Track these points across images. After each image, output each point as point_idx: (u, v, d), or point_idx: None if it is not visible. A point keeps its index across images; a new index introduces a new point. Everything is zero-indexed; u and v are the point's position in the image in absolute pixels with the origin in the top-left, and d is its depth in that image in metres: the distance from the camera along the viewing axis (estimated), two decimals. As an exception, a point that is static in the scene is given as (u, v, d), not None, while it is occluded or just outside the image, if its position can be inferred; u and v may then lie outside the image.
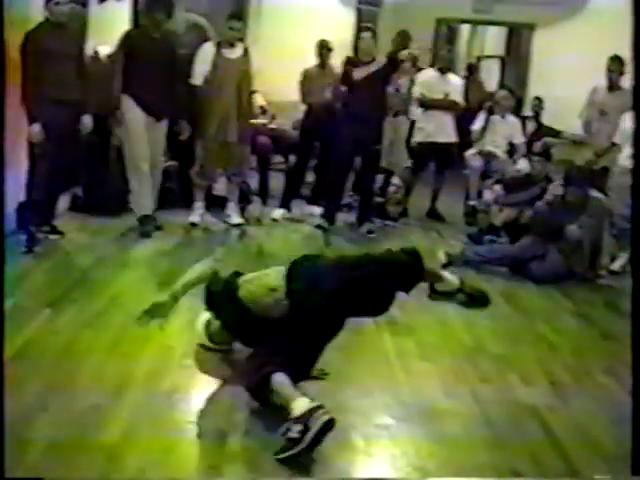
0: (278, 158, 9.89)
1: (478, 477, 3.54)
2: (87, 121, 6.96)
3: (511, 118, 9.71)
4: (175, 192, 8.60)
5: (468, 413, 4.23)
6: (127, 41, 7.30)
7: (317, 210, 8.71)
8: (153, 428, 3.77)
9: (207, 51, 7.78)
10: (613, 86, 8.60)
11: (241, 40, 7.93)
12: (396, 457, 3.67)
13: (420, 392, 4.45)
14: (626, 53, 8.71)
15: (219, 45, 7.80)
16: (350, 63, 8.25)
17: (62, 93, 6.62)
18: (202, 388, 4.35)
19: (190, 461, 3.57)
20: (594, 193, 7.39)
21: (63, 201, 8.01)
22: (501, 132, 9.49)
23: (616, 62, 8.50)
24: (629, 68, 8.14)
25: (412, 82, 9.22)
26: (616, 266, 7.57)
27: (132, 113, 7.30)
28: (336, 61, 8.80)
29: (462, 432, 4.00)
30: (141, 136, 7.34)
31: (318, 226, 8.27)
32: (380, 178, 9.27)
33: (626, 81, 8.39)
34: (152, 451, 3.55)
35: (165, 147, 7.74)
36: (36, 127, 6.52)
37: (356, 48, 8.46)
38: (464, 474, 3.54)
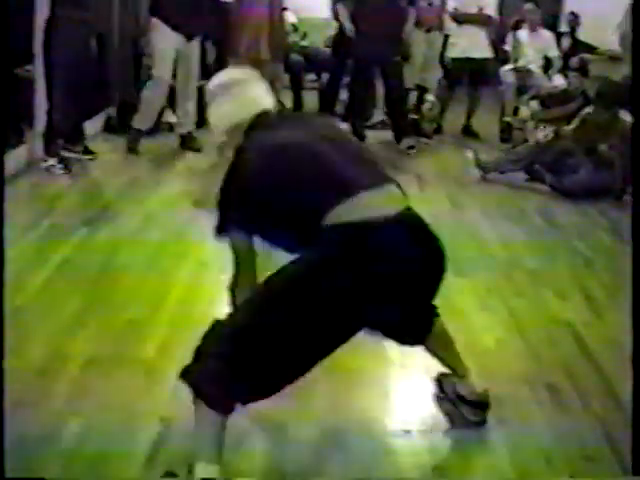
0: (311, 76, 9.81)
1: (513, 388, 3.56)
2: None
3: (543, 32, 9.57)
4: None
5: (502, 327, 4.24)
6: None
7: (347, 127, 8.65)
8: (191, 343, 3.82)
9: None
10: None
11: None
12: (430, 368, 3.68)
13: (455, 307, 4.45)
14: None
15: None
16: None
17: (76, 12, 6.56)
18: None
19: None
20: (623, 115, 7.25)
21: (96, 122, 8.04)
22: (534, 46, 9.35)
23: None
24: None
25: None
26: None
27: (161, 34, 7.25)
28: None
29: (496, 345, 4.02)
30: (168, 56, 7.31)
31: None
32: (414, 95, 9.17)
33: None
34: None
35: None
36: None
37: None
38: (499, 386, 3.55)
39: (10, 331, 3.10)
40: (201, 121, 8.08)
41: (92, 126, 7.82)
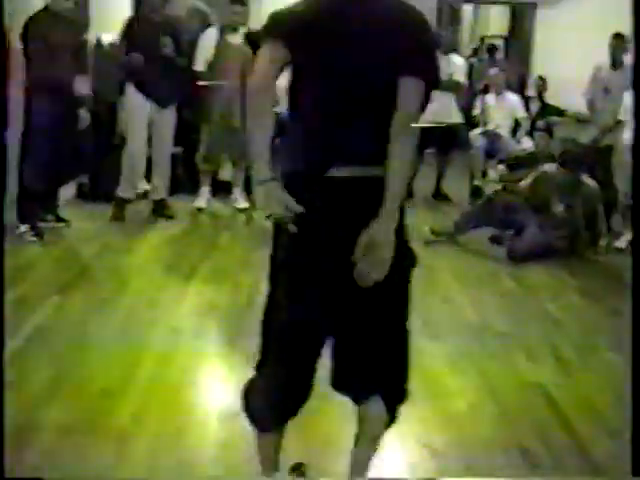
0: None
1: (485, 452, 3.57)
2: (84, 115, 6.96)
3: (510, 95, 9.76)
4: (181, 178, 8.63)
5: (474, 390, 4.26)
6: (129, 28, 7.33)
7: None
8: (163, 411, 3.82)
9: (210, 36, 7.80)
10: (616, 63, 8.57)
11: (244, 25, 7.92)
12: (405, 434, 3.69)
13: (427, 370, 4.48)
14: (628, 30, 8.77)
15: (222, 30, 7.80)
16: None
17: (59, 83, 6.61)
18: (211, 370, 4.41)
19: (202, 443, 3.60)
20: (586, 179, 7.38)
21: (69, 189, 8.06)
22: (501, 110, 9.52)
23: (619, 39, 8.47)
24: (631, 45, 8.17)
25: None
26: (622, 243, 7.58)
27: (134, 101, 7.34)
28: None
29: (469, 409, 4.04)
30: (141, 124, 7.37)
31: None
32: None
33: (629, 58, 8.37)
34: (163, 434, 3.59)
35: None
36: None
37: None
38: (471, 450, 3.57)
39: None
40: (174, 188, 8.15)
41: (65, 193, 7.84)
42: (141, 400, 3.89)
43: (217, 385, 4.28)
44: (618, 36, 8.44)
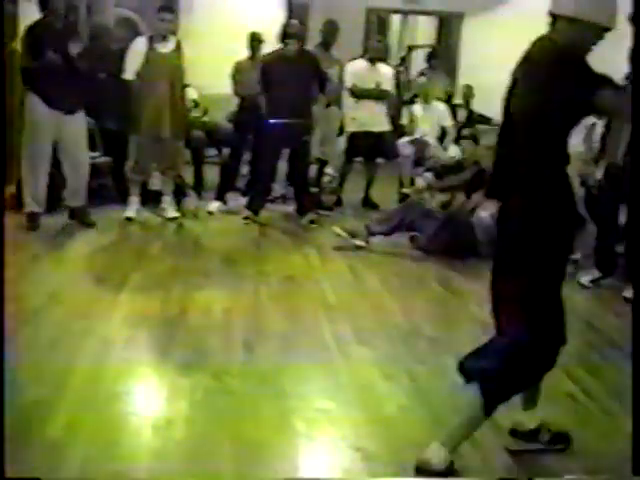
0: (212, 151, 9.90)
1: (418, 454, 3.63)
2: None
3: (437, 104, 9.89)
4: (110, 188, 8.59)
5: (405, 394, 4.33)
6: (30, 35, 7.17)
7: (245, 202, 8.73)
8: (97, 421, 3.81)
9: (139, 45, 7.75)
10: None
11: (173, 34, 7.91)
12: (337, 439, 3.75)
13: (358, 376, 4.55)
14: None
15: (151, 39, 7.78)
16: (270, 58, 8.36)
17: None
18: (144, 379, 4.41)
19: (135, 453, 3.60)
20: None
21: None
22: (428, 119, 9.64)
23: None
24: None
25: (342, 72, 9.27)
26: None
27: (35, 109, 7.22)
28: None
29: (400, 413, 4.10)
30: (42, 133, 7.26)
31: (245, 217, 8.29)
32: (314, 168, 9.34)
33: None
34: (96, 444, 3.58)
35: (100, 142, 7.71)
36: None
37: (283, 42, 8.47)
38: (404, 453, 3.63)
39: None
40: (103, 198, 8.10)
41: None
42: (74, 411, 3.86)
43: (150, 394, 4.27)
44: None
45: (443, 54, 14.09)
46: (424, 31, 16.34)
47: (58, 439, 3.59)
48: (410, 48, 15.84)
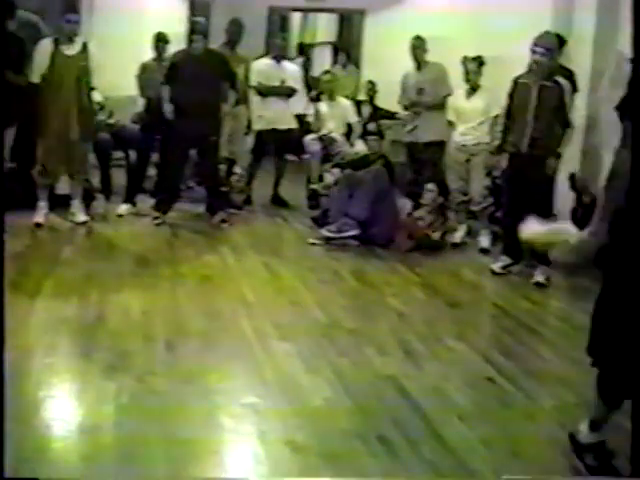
0: (119, 154, 9.81)
1: (345, 443, 3.70)
2: None
3: (342, 100, 9.99)
4: (16, 193, 8.43)
5: (329, 386, 4.39)
6: None
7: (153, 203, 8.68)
8: (23, 429, 3.77)
9: (45, 48, 7.63)
10: (420, 64, 8.83)
11: (76, 35, 7.81)
12: (265, 432, 3.79)
13: (281, 370, 4.59)
14: (446, 34, 9.14)
15: (57, 42, 7.66)
16: (179, 57, 8.36)
17: None
18: (67, 385, 4.37)
19: (64, 457, 3.58)
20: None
21: None
22: (334, 115, 9.73)
23: (418, 40, 8.77)
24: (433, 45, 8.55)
25: (248, 70, 9.29)
26: (456, 238, 7.92)
27: None
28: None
29: (325, 404, 4.16)
30: None
31: (155, 218, 8.25)
32: (223, 167, 9.33)
33: (436, 57, 8.70)
34: (24, 450, 3.55)
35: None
36: None
37: (190, 41, 8.46)
38: (332, 443, 3.69)
39: None
40: (10, 204, 7.93)
41: None
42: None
43: (75, 400, 4.24)
44: (418, 38, 8.75)
45: (345, 51, 14.24)
46: (325, 29, 16.48)
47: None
48: (311, 45, 15.95)
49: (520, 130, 6.62)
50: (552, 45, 6.57)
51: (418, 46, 8.70)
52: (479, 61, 7.75)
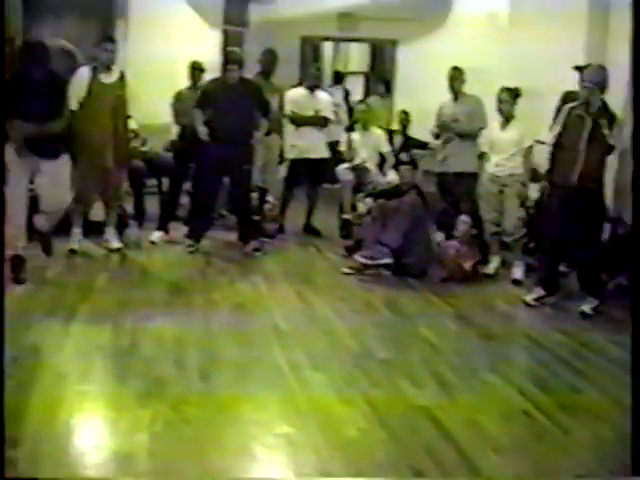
0: (152, 181, 9.88)
1: (380, 474, 3.68)
2: None
3: (375, 130, 10.00)
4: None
5: (363, 417, 4.37)
6: None
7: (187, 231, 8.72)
8: (57, 455, 3.78)
9: (82, 76, 7.70)
10: (456, 95, 8.83)
11: (114, 63, 7.88)
12: (300, 463, 3.78)
13: (315, 400, 4.58)
14: (480, 64, 9.14)
15: (94, 70, 7.75)
16: (213, 85, 8.41)
17: None
18: (102, 412, 4.38)
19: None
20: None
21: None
22: (367, 145, 9.74)
23: (456, 71, 8.77)
24: (474, 78, 8.55)
25: (282, 99, 9.34)
26: (489, 269, 7.89)
27: None
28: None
29: (359, 435, 4.14)
30: None
31: (188, 246, 8.29)
32: (255, 196, 9.36)
33: (470, 88, 8.69)
34: (56, 476, 3.56)
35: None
36: None
37: (224, 70, 8.51)
38: (365, 474, 3.67)
39: None
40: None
41: None
42: (33, 446, 3.83)
43: (109, 427, 4.24)
44: (455, 69, 8.76)
45: (378, 80, 14.29)
46: (357, 58, 16.55)
47: (19, 474, 3.55)
48: (344, 75, 15.99)
49: (570, 161, 6.57)
50: (603, 79, 6.58)
51: (456, 77, 8.70)
52: (515, 92, 7.74)
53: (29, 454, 3.75)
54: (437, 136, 8.94)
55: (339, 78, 15.12)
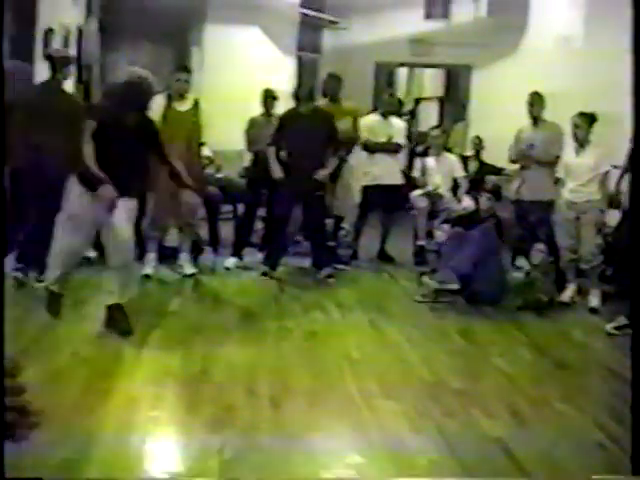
0: (227, 207, 9.95)
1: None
2: None
3: (448, 155, 9.96)
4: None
5: (435, 447, 4.30)
6: None
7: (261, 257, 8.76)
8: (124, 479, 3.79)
9: (157, 104, 7.81)
10: (536, 120, 8.75)
11: (187, 92, 7.99)
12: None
13: (386, 430, 4.52)
14: (554, 88, 9.03)
15: (169, 98, 7.86)
16: (288, 116, 8.45)
17: None
18: (172, 437, 4.39)
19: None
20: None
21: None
22: (440, 170, 9.70)
23: (536, 97, 8.69)
24: (548, 103, 8.44)
25: (356, 122, 9.31)
26: (566, 297, 7.75)
27: None
28: (281, 109, 8.93)
29: (430, 466, 4.08)
30: None
31: (263, 273, 8.31)
32: (331, 222, 9.36)
33: (548, 114, 8.59)
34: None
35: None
36: None
37: (297, 98, 8.55)
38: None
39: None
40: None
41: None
42: (103, 470, 3.85)
43: (179, 453, 4.25)
44: (535, 94, 8.67)
45: (452, 105, 14.26)
46: (431, 83, 16.52)
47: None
48: (418, 100, 15.98)
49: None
50: None
51: (535, 102, 8.62)
52: (590, 117, 7.62)
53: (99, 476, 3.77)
54: (513, 161, 8.86)
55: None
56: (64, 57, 7.57)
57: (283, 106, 8.96)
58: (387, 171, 9.42)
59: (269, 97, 9.18)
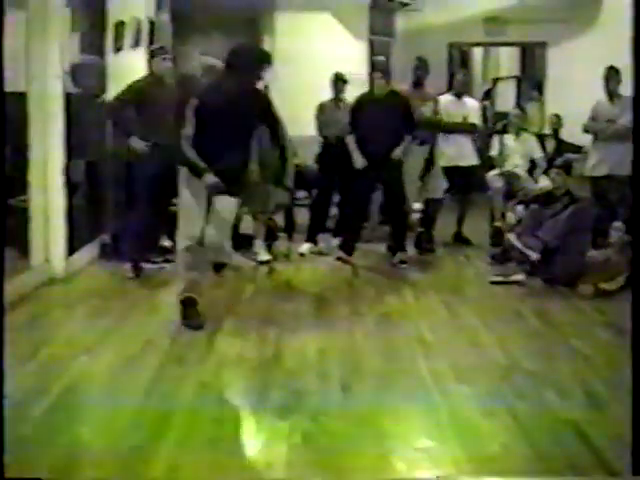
0: (301, 193, 9.94)
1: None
2: None
3: (527, 135, 9.79)
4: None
5: (507, 431, 4.22)
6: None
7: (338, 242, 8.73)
8: (197, 467, 3.81)
9: None
10: (612, 95, 8.56)
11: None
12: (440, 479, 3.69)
13: (458, 414, 4.46)
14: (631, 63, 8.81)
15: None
16: (362, 100, 8.39)
17: None
18: (242, 423, 4.41)
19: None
20: None
21: (92, 248, 8.12)
22: (518, 150, 9.55)
23: (612, 71, 8.51)
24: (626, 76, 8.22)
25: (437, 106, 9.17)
26: None
27: None
28: (352, 93, 8.87)
29: (502, 450, 4.00)
30: None
31: (338, 258, 8.27)
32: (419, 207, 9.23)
33: (625, 89, 8.40)
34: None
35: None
36: None
37: (371, 80, 8.50)
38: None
39: (10, 458, 3.14)
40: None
41: (88, 253, 7.96)
42: (174, 455, 3.87)
43: (249, 438, 4.25)
44: (611, 69, 8.48)
45: (530, 84, 14.03)
46: (507, 62, 16.28)
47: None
48: (495, 80, 15.74)
49: None
50: None
51: (611, 77, 8.45)
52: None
53: (170, 463, 3.79)
54: (593, 134, 8.69)
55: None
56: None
57: (355, 91, 8.88)
58: (462, 152, 9.32)
59: (339, 80, 9.11)
